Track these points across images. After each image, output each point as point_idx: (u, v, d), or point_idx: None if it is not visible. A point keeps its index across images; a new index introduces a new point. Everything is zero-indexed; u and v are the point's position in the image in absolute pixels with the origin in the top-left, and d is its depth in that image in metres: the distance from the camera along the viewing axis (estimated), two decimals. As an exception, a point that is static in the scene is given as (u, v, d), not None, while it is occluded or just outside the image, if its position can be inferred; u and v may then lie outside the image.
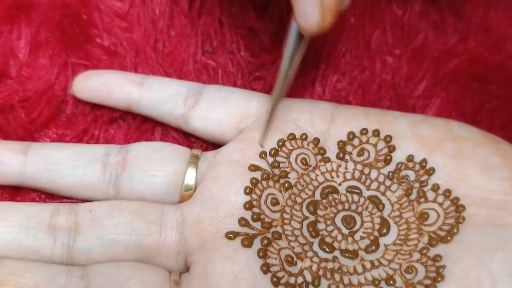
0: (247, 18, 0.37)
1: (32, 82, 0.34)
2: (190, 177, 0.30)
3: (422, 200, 0.29)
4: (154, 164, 0.30)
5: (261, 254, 0.27)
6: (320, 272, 0.27)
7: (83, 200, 0.31)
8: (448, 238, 0.27)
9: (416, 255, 0.27)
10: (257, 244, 0.28)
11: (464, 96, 0.35)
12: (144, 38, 0.36)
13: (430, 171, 0.29)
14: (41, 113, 0.34)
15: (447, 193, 0.28)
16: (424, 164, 0.29)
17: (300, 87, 0.36)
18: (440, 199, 0.28)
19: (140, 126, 0.34)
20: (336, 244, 0.28)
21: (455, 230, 0.27)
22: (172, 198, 0.30)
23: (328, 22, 0.26)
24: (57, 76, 0.35)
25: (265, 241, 0.28)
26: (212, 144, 0.33)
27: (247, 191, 0.29)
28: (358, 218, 0.29)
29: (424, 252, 0.27)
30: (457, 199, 0.28)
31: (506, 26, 0.37)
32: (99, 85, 0.33)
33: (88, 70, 0.34)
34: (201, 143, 0.34)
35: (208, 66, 0.36)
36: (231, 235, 0.28)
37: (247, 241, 0.27)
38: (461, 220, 0.27)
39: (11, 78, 0.34)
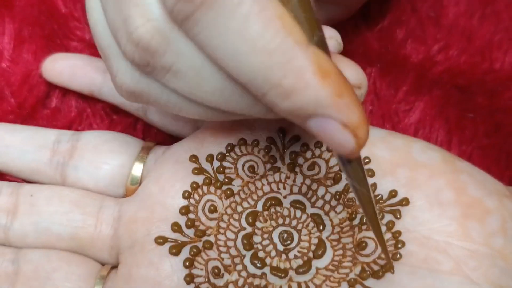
0: None
1: (15, 77, 0.34)
2: (137, 172, 0.30)
3: (364, 227, 0.27)
4: (101, 156, 0.30)
5: (187, 264, 0.27)
6: (245, 288, 0.27)
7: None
8: (380, 274, 0.26)
9: (344, 285, 0.26)
10: (185, 252, 0.27)
11: (448, 101, 0.33)
12: None
13: (378, 198, 0.27)
14: (25, 100, 0.34)
15: (390, 224, 0.27)
16: (373, 189, 0.28)
17: None
18: (382, 229, 0.27)
19: (122, 120, 0.34)
20: (268, 260, 0.27)
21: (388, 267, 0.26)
22: (116, 191, 0.30)
23: (365, 135, 0.21)
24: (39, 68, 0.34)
25: (194, 251, 0.27)
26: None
27: (186, 195, 0.28)
28: (296, 236, 0.28)
29: (352, 284, 0.26)
30: (399, 233, 0.26)
31: (490, 34, 0.34)
32: (64, 69, 0.33)
33: None
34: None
35: None
36: (161, 240, 0.27)
37: (175, 249, 0.27)
38: (398, 256, 0.26)
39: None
